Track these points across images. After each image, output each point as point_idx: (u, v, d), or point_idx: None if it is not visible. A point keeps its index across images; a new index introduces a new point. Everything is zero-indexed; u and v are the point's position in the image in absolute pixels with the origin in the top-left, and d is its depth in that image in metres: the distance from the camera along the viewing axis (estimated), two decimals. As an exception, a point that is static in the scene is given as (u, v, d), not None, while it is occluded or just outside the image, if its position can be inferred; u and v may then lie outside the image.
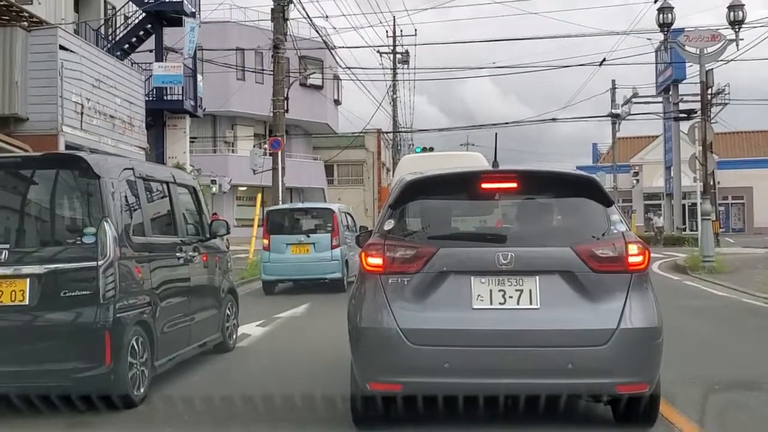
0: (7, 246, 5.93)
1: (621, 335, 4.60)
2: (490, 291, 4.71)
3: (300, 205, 19.12)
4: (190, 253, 7.48)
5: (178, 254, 7.22)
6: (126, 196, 6.46)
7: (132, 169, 6.76)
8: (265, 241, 15.43)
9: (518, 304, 4.70)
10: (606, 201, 5.03)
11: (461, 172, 5.70)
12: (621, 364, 4.62)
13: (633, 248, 4.82)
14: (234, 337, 8.89)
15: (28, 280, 5.83)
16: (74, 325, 5.82)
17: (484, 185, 5.18)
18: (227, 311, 8.60)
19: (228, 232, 8.51)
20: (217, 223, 8.35)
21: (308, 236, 15.16)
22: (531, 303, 4.69)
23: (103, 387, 5.86)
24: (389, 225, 5.02)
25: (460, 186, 5.36)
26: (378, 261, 4.87)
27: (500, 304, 4.70)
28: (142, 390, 6.23)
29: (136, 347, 6.15)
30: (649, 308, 4.77)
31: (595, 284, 4.70)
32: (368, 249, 4.98)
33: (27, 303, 5.82)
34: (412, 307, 4.73)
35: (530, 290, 4.70)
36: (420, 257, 4.79)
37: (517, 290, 4.71)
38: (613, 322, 4.63)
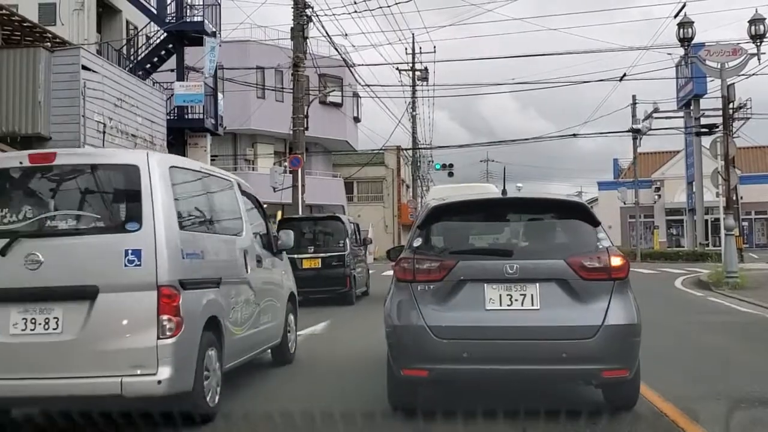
0: (312, 248, 16.67)
1: (606, 330, 5.52)
2: (500, 295, 5.68)
3: None
4: (359, 252, 18.20)
5: (355, 251, 17.69)
6: (353, 229, 17.79)
7: (350, 218, 18.56)
8: None
9: (522, 305, 5.66)
10: (594, 222, 6.02)
11: (476, 199, 6.89)
12: (606, 354, 5.52)
13: (615, 260, 5.74)
14: (369, 291, 18.97)
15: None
16: (336, 274, 16.13)
17: (494, 209, 6.39)
18: (367, 277, 19.13)
19: (371, 242, 22.17)
20: (366, 240, 19.98)
21: None
22: (533, 305, 5.65)
23: (346, 297, 16.24)
24: (418, 242, 6.03)
25: (475, 210, 6.52)
26: (408, 271, 5.85)
27: (508, 305, 5.67)
28: (355, 299, 16.58)
29: (353, 283, 16.57)
30: (629, 308, 5.68)
31: (585, 289, 5.64)
32: (401, 262, 5.99)
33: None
34: (436, 308, 5.69)
35: (532, 294, 5.66)
36: (443, 268, 5.76)
37: (521, 294, 5.66)
38: (599, 320, 5.54)
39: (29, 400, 5.61)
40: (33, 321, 5.44)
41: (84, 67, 16.51)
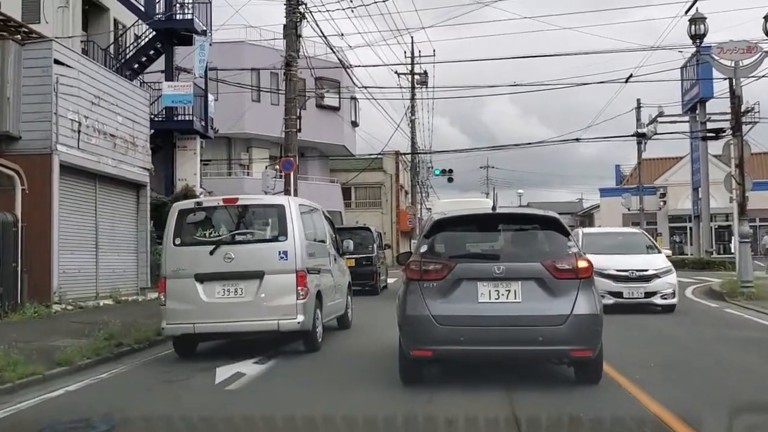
0: (352, 249, 15.93)
1: (573, 318, 6.92)
2: (489, 291, 7.09)
3: None
4: (381, 255, 23.69)
5: (379, 254, 22.58)
6: (377, 237, 23.24)
7: (375, 229, 24.57)
8: None
9: (507, 299, 7.07)
10: (565, 232, 7.51)
11: (471, 213, 8.74)
12: (573, 337, 6.93)
13: (582, 263, 7.16)
14: (387, 286, 23.33)
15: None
16: (366, 272, 21.02)
17: (485, 222, 7.98)
18: (387, 274, 24.32)
19: (389, 248, 33.81)
20: (387, 245, 30.61)
21: None
22: (516, 298, 7.06)
23: (372, 287, 21.27)
24: (424, 248, 7.50)
25: (470, 222, 8.11)
26: (417, 272, 7.29)
27: (496, 299, 7.08)
28: (379, 291, 21.75)
29: (379, 277, 21.90)
30: (592, 301, 7.07)
31: (557, 286, 7.03)
32: (410, 264, 7.46)
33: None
34: (439, 301, 7.10)
35: (515, 290, 7.06)
36: (444, 269, 7.18)
37: (506, 290, 7.07)
38: (568, 310, 6.93)
39: (227, 334, 10.16)
40: (234, 290, 9.75)
41: (57, 62, 15.39)
